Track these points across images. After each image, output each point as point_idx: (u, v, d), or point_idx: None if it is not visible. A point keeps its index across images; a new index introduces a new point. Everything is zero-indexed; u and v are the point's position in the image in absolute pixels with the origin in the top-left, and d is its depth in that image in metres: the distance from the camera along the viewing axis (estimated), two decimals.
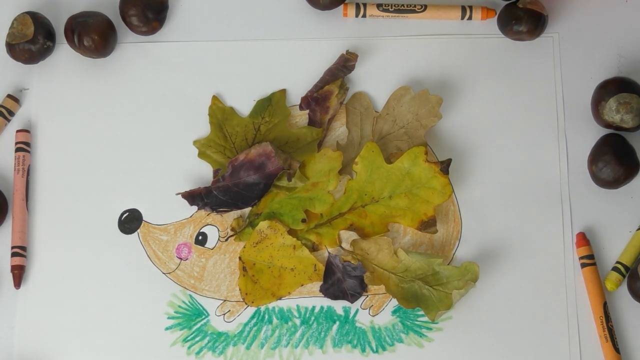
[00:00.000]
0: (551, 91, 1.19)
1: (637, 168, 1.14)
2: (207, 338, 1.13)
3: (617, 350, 1.10)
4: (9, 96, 1.19)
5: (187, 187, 1.16)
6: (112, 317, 1.13)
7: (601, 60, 1.19)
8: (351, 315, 1.13)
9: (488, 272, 1.13)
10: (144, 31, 1.19)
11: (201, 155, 1.17)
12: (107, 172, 1.17)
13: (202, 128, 1.18)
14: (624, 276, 1.13)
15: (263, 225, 1.14)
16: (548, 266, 1.14)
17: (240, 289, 1.14)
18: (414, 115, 1.17)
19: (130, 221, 1.16)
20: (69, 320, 1.13)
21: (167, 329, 1.13)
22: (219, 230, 1.16)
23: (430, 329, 1.13)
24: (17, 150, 1.17)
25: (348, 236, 1.15)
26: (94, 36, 1.17)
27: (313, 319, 1.13)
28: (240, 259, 1.14)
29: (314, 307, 1.14)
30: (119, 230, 1.16)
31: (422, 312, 1.12)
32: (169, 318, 1.14)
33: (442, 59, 1.20)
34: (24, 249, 1.15)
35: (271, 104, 1.18)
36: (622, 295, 1.13)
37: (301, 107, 1.18)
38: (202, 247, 1.15)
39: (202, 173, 1.17)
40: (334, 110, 1.17)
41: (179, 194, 1.15)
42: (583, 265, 1.13)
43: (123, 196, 1.17)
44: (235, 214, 1.16)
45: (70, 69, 1.20)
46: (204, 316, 1.14)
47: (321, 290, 1.13)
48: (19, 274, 1.14)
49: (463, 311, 1.13)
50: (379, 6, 1.20)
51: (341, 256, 1.13)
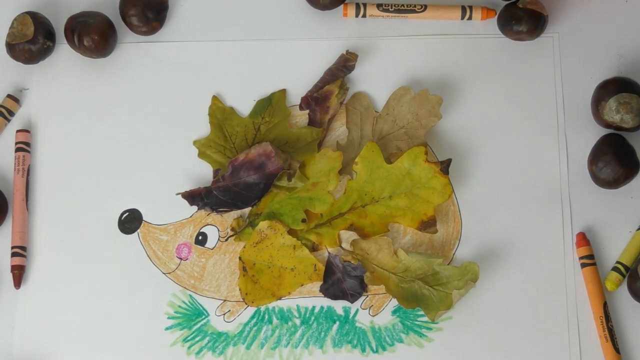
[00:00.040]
0: (551, 91, 1.18)
1: (637, 168, 1.14)
2: (207, 338, 1.13)
3: (617, 350, 1.10)
4: (9, 96, 1.18)
5: (187, 187, 1.16)
6: (112, 317, 1.13)
7: (601, 60, 1.19)
8: (351, 315, 1.13)
9: (488, 272, 1.13)
10: (144, 31, 1.19)
11: (201, 155, 1.17)
12: (107, 172, 1.17)
13: (202, 128, 1.18)
14: (624, 276, 1.13)
15: (263, 225, 1.14)
16: (548, 266, 1.14)
17: (240, 289, 1.14)
18: (414, 115, 1.17)
19: (130, 221, 1.16)
20: (69, 320, 1.13)
21: (167, 329, 1.13)
22: (219, 230, 1.16)
23: (430, 329, 1.13)
24: (17, 150, 1.17)
25: (348, 236, 1.15)
26: (94, 36, 1.17)
27: (313, 319, 1.13)
28: (240, 259, 1.14)
29: (314, 307, 1.14)
30: (119, 230, 1.16)
31: (422, 312, 1.12)
32: (169, 318, 1.14)
33: (442, 59, 1.20)
34: (24, 249, 1.15)
35: (271, 104, 1.18)
36: (622, 295, 1.13)
37: (301, 107, 1.18)
38: (202, 247, 1.15)
39: (202, 173, 1.17)
40: (334, 110, 1.17)
41: (179, 194, 1.15)
42: (583, 265, 1.13)
43: (123, 196, 1.17)
44: (235, 214, 1.16)
45: (70, 69, 1.20)
46: (204, 316, 1.14)
47: (321, 290, 1.13)
48: (19, 274, 1.14)
49: (463, 311, 1.13)
50: (379, 6, 1.20)
51: (341, 256, 1.13)
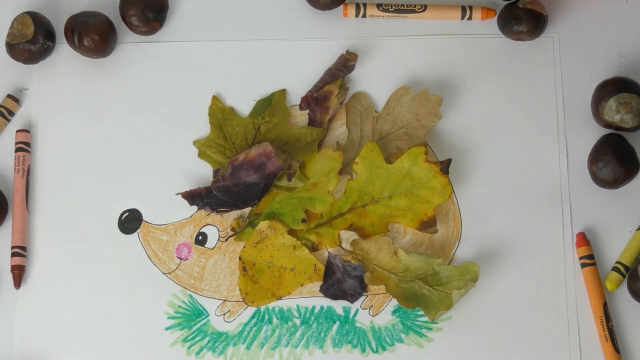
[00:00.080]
0: (551, 91, 1.18)
1: (637, 168, 1.14)
2: (207, 338, 1.13)
3: (617, 350, 1.10)
4: (9, 96, 1.18)
5: (187, 187, 1.16)
6: (112, 317, 1.13)
7: (601, 60, 1.19)
8: (351, 315, 1.13)
9: (488, 272, 1.13)
10: (144, 31, 1.19)
11: (201, 155, 1.17)
12: (107, 172, 1.17)
13: (202, 128, 1.18)
14: (624, 276, 1.13)
15: (263, 225, 1.14)
16: (548, 266, 1.14)
17: (240, 289, 1.14)
18: (414, 115, 1.16)
19: (130, 221, 1.16)
20: (69, 320, 1.13)
21: (167, 329, 1.13)
22: (219, 230, 1.16)
23: (430, 329, 1.13)
24: (17, 150, 1.17)
25: (348, 236, 1.15)
26: (94, 36, 1.17)
27: (313, 319, 1.13)
28: (240, 259, 1.14)
29: (314, 307, 1.14)
30: (119, 230, 1.16)
31: (422, 312, 1.12)
32: (169, 318, 1.14)
33: (442, 59, 1.20)
34: (24, 249, 1.15)
35: (271, 104, 1.18)
36: (622, 295, 1.13)
37: (301, 107, 1.18)
38: (202, 247, 1.15)
39: (202, 173, 1.17)
40: (334, 110, 1.17)
41: (179, 194, 1.15)
42: (583, 265, 1.13)
43: (123, 196, 1.17)
44: (235, 214, 1.16)
45: (70, 69, 1.20)
46: (204, 316, 1.14)
47: (321, 290, 1.13)
48: (19, 274, 1.14)
49: (463, 311, 1.13)
50: (379, 6, 1.20)
51: (341, 256, 1.13)
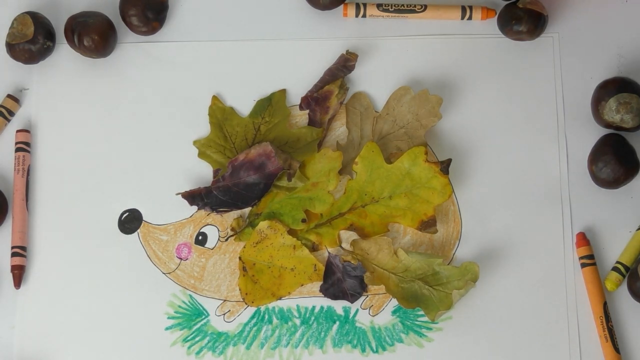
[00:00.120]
0: (551, 91, 1.18)
1: (637, 168, 1.14)
2: (207, 338, 1.13)
3: (617, 350, 1.10)
4: (9, 96, 1.18)
5: (187, 187, 1.16)
6: (112, 317, 1.13)
7: (601, 60, 1.19)
8: (351, 315, 1.13)
9: (488, 272, 1.13)
10: (144, 31, 1.19)
11: (201, 155, 1.17)
12: (107, 172, 1.17)
13: (202, 128, 1.18)
14: (624, 276, 1.13)
15: (263, 225, 1.14)
16: (548, 266, 1.14)
17: (240, 289, 1.14)
18: (414, 115, 1.16)
19: (130, 221, 1.16)
20: (69, 320, 1.13)
21: (167, 329, 1.13)
22: (219, 230, 1.16)
23: (430, 329, 1.13)
24: (17, 150, 1.17)
25: (348, 236, 1.15)
26: (94, 36, 1.17)
27: (313, 319, 1.13)
28: (240, 259, 1.14)
29: (314, 307, 1.14)
30: (119, 230, 1.16)
31: (422, 312, 1.12)
32: (169, 318, 1.14)
33: (442, 59, 1.20)
34: (24, 249, 1.15)
35: (271, 104, 1.18)
36: (622, 295, 1.13)
37: (301, 107, 1.18)
38: (202, 247, 1.15)
39: (202, 173, 1.17)
40: (334, 110, 1.17)
41: (179, 194, 1.15)
42: (583, 265, 1.13)
43: (123, 196, 1.17)
44: (235, 214, 1.16)
45: (70, 69, 1.20)
46: (204, 316, 1.14)
47: (321, 290, 1.13)
48: (19, 274, 1.14)
49: (463, 311, 1.13)
50: (379, 6, 1.20)
51: (341, 256, 1.13)
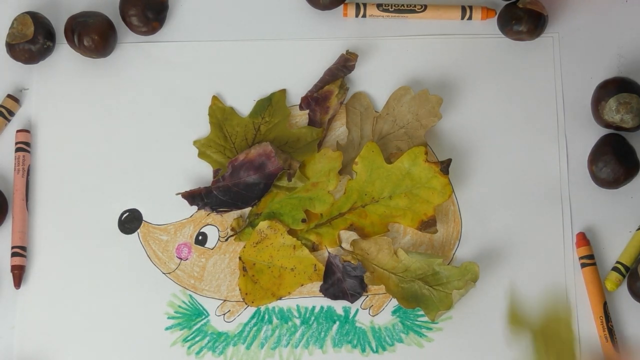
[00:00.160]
0: (551, 91, 1.18)
1: (637, 168, 1.14)
2: (207, 338, 1.13)
3: (617, 350, 1.10)
4: (9, 96, 1.18)
5: (187, 187, 1.16)
6: (112, 317, 1.13)
7: (601, 60, 1.19)
8: (351, 315, 1.13)
9: (488, 272, 1.13)
10: (144, 31, 1.19)
11: (201, 155, 1.17)
12: (107, 172, 1.17)
13: (202, 128, 1.18)
14: (624, 276, 1.13)
15: (263, 225, 1.14)
16: (548, 266, 1.14)
17: (240, 289, 1.14)
18: (414, 115, 1.16)
19: (130, 221, 1.16)
20: (69, 320, 1.13)
21: (167, 329, 1.13)
22: (219, 230, 1.16)
23: (430, 329, 1.13)
24: (17, 150, 1.17)
25: (348, 236, 1.15)
26: (94, 36, 1.17)
27: (313, 319, 1.13)
28: (240, 259, 1.14)
29: (314, 307, 1.14)
30: (119, 230, 1.16)
31: (422, 312, 1.12)
32: (169, 318, 1.14)
33: (442, 59, 1.20)
34: (24, 249, 1.15)
35: (271, 104, 1.18)
36: (622, 295, 1.13)
37: (301, 107, 1.18)
38: (202, 247, 1.15)
39: (202, 173, 1.17)
40: (334, 110, 1.17)
41: (179, 194, 1.15)
42: (583, 265, 1.13)
43: (123, 196, 1.17)
44: (235, 214, 1.16)
45: (70, 69, 1.20)
46: (204, 316, 1.14)
47: (321, 290, 1.13)
48: (19, 274, 1.14)
49: (463, 311, 1.13)
50: (379, 6, 1.20)
51: (341, 256, 1.13)
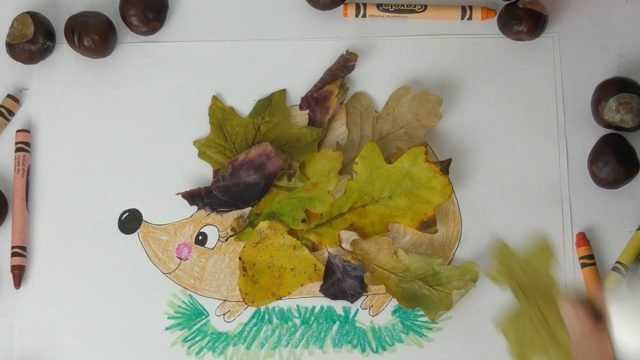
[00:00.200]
0: (551, 91, 1.18)
1: (637, 168, 1.14)
2: (207, 338, 1.13)
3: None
4: (9, 96, 1.18)
5: (187, 187, 1.16)
6: (112, 317, 1.13)
7: (601, 60, 1.19)
8: (351, 315, 1.13)
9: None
10: (144, 31, 1.19)
11: (201, 155, 1.17)
12: (107, 172, 1.17)
13: (202, 128, 1.18)
14: (624, 276, 1.12)
15: (263, 225, 1.14)
16: None
17: (240, 289, 1.14)
18: (414, 115, 1.16)
19: (130, 221, 1.16)
20: (69, 320, 1.13)
21: (167, 329, 1.13)
22: (219, 230, 1.16)
23: (430, 329, 1.13)
24: (17, 150, 1.17)
25: (348, 236, 1.15)
26: (94, 36, 1.17)
27: (313, 319, 1.13)
28: (240, 259, 1.14)
29: (314, 307, 1.14)
30: (119, 230, 1.16)
31: (422, 312, 1.12)
32: (169, 318, 1.14)
33: (442, 59, 1.20)
34: (24, 249, 1.15)
35: (271, 104, 1.18)
36: None
37: (301, 107, 1.18)
38: (202, 247, 1.15)
39: (202, 173, 1.17)
40: (334, 110, 1.17)
41: (179, 194, 1.15)
42: (583, 265, 1.13)
43: (123, 196, 1.17)
44: (235, 214, 1.16)
45: (70, 69, 1.20)
46: (204, 316, 1.14)
47: (321, 290, 1.13)
48: (19, 274, 1.14)
49: (463, 311, 1.12)
50: (379, 6, 1.20)
51: (341, 256, 1.13)
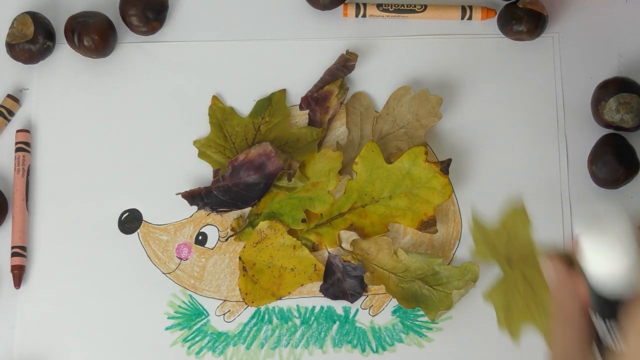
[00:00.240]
0: (551, 91, 1.18)
1: (637, 168, 1.14)
2: (207, 338, 1.13)
3: None
4: (9, 96, 1.18)
5: (187, 187, 1.16)
6: (112, 317, 1.13)
7: (601, 60, 1.19)
8: (351, 315, 1.13)
9: (488, 272, 1.13)
10: (144, 31, 1.19)
11: (201, 155, 1.17)
12: (107, 172, 1.17)
13: (202, 128, 1.18)
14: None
15: (263, 225, 1.14)
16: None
17: (240, 289, 1.14)
18: (414, 115, 1.16)
19: (130, 221, 1.16)
20: (69, 320, 1.13)
21: (167, 329, 1.13)
22: (219, 230, 1.16)
23: (430, 329, 1.13)
24: (17, 150, 1.17)
25: (348, 236, 1.15)
26: (94, 36, 1.17)
27: (313, 319, 1.13)
28: (240, 259, 1.14)
29: (314, 307, 1.14)
30: (119, 230, 1.16)
31: (422, 312, 1.12)
32: (169, 318, 1.14)
33: (442, 59, 1.20)
34: (24, 249, 1.15)
35: (271, 104, 1.18)
36: None
37: (301, 107, 1.18)
38: (202, 247, 1.15)
39: (202, 173, 1.17)
40: (334, 110, 1.17)
41: (179, 194, 1.15)
42: None
43: (123, 196, 1.17)
44: (235, 214, 1.16)
45: (70, 69, 1.20)
46: (204, 316, 1.14)
47: (321, 290, 1.13)
48: (19, 274, 1.14)
49: (463, 311, 1.12)
50: (379, 6, 1.20)
51: (341, 256, 1.13)
